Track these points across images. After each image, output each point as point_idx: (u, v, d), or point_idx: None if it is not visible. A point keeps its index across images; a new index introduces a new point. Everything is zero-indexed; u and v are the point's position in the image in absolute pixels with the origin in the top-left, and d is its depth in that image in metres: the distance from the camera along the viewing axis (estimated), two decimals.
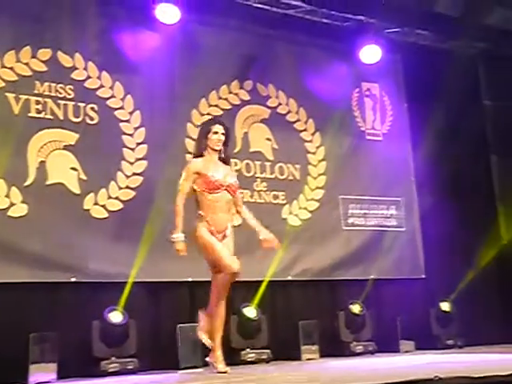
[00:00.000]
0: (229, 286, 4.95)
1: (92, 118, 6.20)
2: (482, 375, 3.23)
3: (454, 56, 8.20)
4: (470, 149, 8.26)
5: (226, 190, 5.00)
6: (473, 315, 7.88)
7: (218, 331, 4.98)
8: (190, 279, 6.35)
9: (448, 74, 7.90)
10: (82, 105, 6.16)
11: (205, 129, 5.16)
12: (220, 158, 5.10)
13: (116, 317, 5.73)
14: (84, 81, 6.21)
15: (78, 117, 6.13)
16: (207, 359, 5.03)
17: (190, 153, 6.65)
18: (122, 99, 6.41)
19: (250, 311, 6.33)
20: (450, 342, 7.24)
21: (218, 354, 4.94)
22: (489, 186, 8.60)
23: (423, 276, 7.76)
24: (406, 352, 6.86)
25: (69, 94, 6.11)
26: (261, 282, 6.48)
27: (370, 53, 7.52)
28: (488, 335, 7.75)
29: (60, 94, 6.07)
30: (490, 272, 8.12)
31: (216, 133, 5.06)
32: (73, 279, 5.82)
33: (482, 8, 8.13)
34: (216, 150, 5.08)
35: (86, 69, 6.23)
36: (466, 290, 7.84)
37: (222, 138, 5.09)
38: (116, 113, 6.36)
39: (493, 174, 8.67)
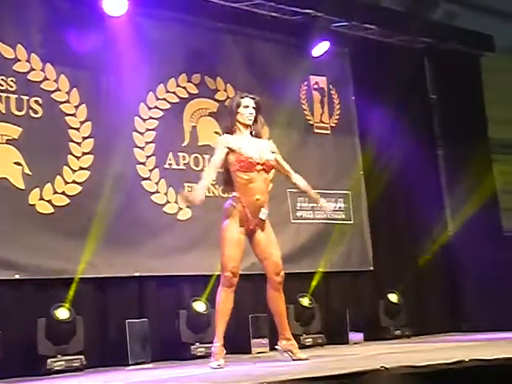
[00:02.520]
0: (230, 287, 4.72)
1: (36, 112, 6.06)
2: (426, 363, 3.27)
3: (401, 50, 8.32)
4: (418, 142, 8.37)
5: (262, 168, 4.69)
6: (421, 306, 8.02)
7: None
8: (137, 274, 6.29)
9: (395, 67, 8.02)
10: (25, 98, 5.99)
11: (234, 103, 4.79)
12: (252, 135, 4.77)
13: (62, 313, 5.62)
14: (27, 73, 6.06)
15: (21, 110, 5.97)
16: (277, 347, 4.80)
17: (137, 146, 6.63)
18: (68, 92, 6.27)
19: (200, 306, 6.30)
20: (397, 333, 7.34)
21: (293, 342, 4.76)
22: (436, 178, 8.74)
23: (371, 268, 7.85)
24: (355, 344, 6.92)
25: (11, 87, 5.94)
26: (211, 276, 6.46)
27: (318, 46, 7.55)
28: (435, 325, 7.91)
29: (1, 86, 5.90)
30: (437, 263, 8.27)
31: (247, 106, 4.74)
32: (16, 276, 5.69)
33: (427, 3, 8.26)
34: (247, 126, 4.75)
35: (28, 61, 6.08)
36: (414, 281, 7.97)
37: (254, 112, 4.76)
38: (61, 106, 6.22)
39: (440, 166, 8.81)
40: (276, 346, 4.83)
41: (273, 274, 4.72)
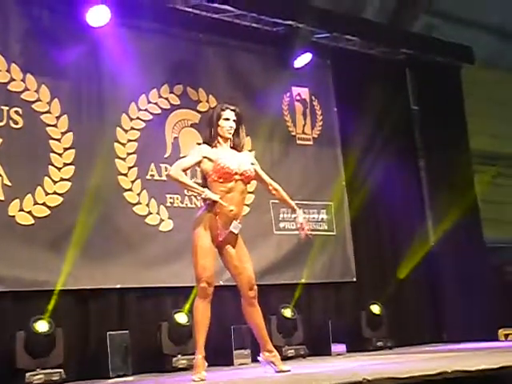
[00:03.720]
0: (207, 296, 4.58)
1: (16, 122, 6.01)
2: (408, 375, 3.26)
3: (382, 61, 8.37)
4: (399, 153, 8.41)
5: (240, 179, 4.59)
6: (403, 317, 8.03)
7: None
8: (118, 286, 6.24)
9: (376, 79, 8.07)
10: (5, 108, 5.96)
11: (214, 115, 4.67)
12: (232, 147, 4.67)
13: (42, 326, 5.55)
14: (7, 83, 6.01)
15: (1, 121, 5.93)
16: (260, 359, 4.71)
17: (119, 157, 6.59)
18: (49, 103, 6.24)
19: (182, 317, 6.26)
20: (380, 344, 7.33)
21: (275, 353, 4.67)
22: (417, 189, 8.77)
23: (354, 279, 7.84)
24: (338, 355, 6.90)
25: None
26: (193, 287, 6.42)
27: (300, 57, 7.58)
28: (418, 336, 7.92)
29: None
30: (419, 273, 8.29)
31: (227, 119, 4.63)
32: None
33: (407, 15, 8.33)
34: (227, 139, 4.65)
35: (8, 71, 6.04)
36: (396, 292, 7.98)
37: (234, 125, 4.64)
38: (42, 117, 6.19)
39: (421, 177, 8.85)
40: (258, 358, 4.79)
41: (246, 290, 4.64)
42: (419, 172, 8.85)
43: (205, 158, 4.59)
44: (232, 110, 4.69)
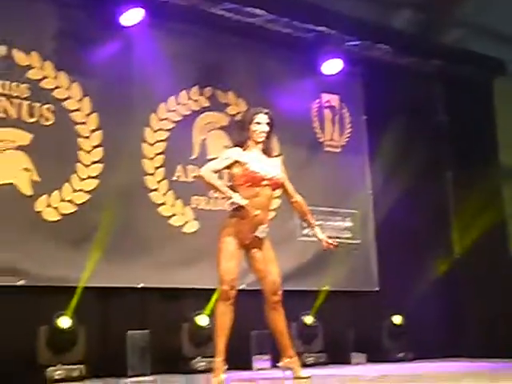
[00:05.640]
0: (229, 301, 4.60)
1: (47, 119, 6.08)
2: None
3: (412, 72, 8.32)
4: (426, 163, 8.36)
5: (267, 184, 4.61)
6: (424, 329, 7.95)
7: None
8: (141, 285, 6.27)
9: (406, 89, 8.03)
10: (37, 105, 6.03)
11: (246, 119, 4.72)
12: (263, 151, 4.70)
13: (64, 322, 5.60)
14: (40, 80, 6.09)
15: (32, 117, 6.00)
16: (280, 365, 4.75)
17: (146, 157, 6.63)
18: (79, 101, 6.30)
19: (202, 319, 6.27)
20: (400, 355, 7.27)
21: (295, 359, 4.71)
22: (443, 201, 8.70)
23: (376, 289, 7.80)
24: (358, 364, 6.86)
25: (23, 93, 5.97)
26: (215, 290, 6.42)
27: (331, 64, 7.57)
28: (438, 349, 7.83)
29: (14, 92, 5.93)
30: (442, 286, 8.21)
31: (260, 123, 4.65)
32: (20, 282, 5.67)
33: (439, 26, 8.27)
34: (259, 142, 4.67)
35: (42, 68, 6.11)
36: (419, 303, 7.90)
37: (266, 128, 4.67)
38: (72, 114, 6.25)
39: (448, 189, 8.78)
40: (278, 364, 4.78)
41: (270, 293, 4.65)
42: (446, 184, 8.78)
43: (235, 161, 4.61)
44: (265, 113, 4.69)
